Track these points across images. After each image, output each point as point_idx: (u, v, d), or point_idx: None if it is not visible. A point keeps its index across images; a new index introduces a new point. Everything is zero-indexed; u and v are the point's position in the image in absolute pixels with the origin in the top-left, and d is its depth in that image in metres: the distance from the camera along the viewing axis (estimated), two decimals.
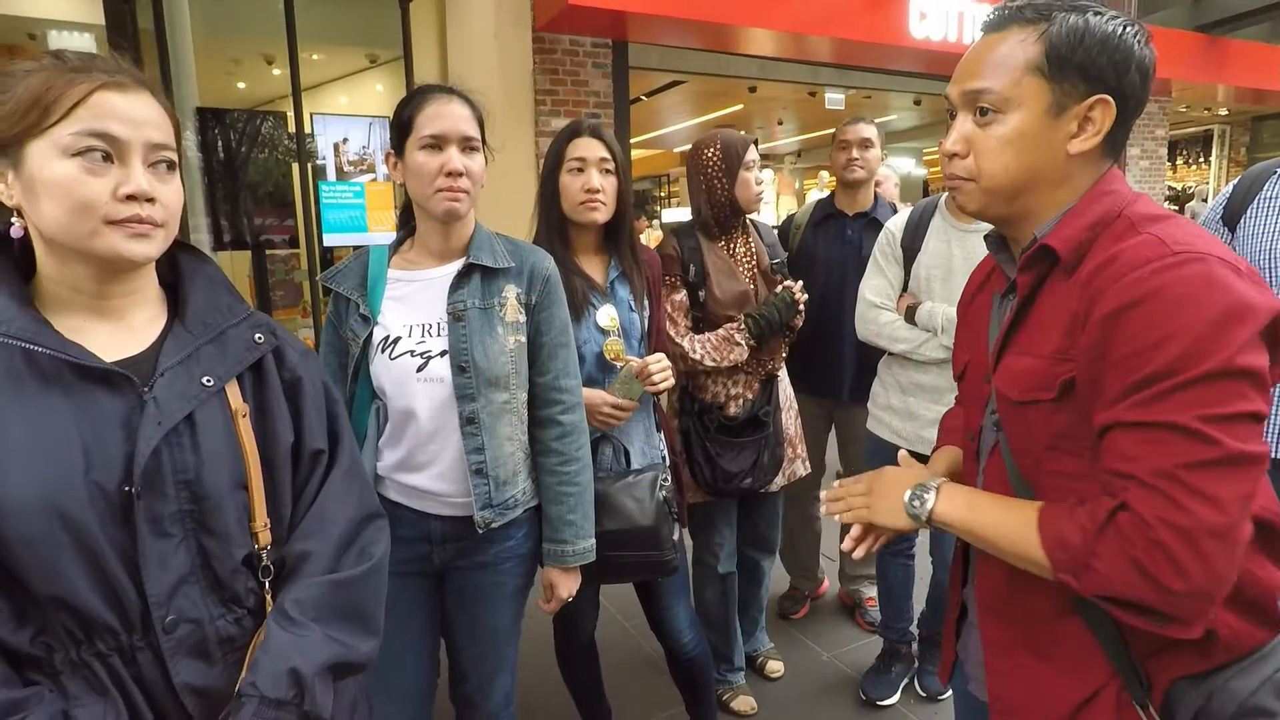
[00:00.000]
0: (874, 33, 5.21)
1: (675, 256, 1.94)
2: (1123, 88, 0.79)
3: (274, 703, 0.77)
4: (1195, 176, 10.89)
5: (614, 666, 2.14)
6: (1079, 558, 0.74)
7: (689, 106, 8.82)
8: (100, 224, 0.74)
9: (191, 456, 0.79)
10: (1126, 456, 0.72)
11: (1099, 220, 0.80)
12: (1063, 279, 0.81)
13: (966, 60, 0.85)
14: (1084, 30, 0.78)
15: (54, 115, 0.72)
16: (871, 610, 2.60)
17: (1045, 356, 0.81)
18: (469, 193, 1.29)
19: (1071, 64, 0.78)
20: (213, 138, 3.98)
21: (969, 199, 0.87)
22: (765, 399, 2.01)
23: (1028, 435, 0.84)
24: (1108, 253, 0.76)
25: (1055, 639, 0.86)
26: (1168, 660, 0.80)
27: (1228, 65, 7.10)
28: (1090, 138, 0.80)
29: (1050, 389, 0.79)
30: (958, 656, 1.08)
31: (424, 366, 1.29)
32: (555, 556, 1.39)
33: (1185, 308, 0.69)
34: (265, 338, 0.88)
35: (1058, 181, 0.83)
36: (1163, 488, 0.69)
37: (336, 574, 0.87)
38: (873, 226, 2.38)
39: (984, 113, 0.82)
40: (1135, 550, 0.69)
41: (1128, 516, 0.71)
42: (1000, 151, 0.82)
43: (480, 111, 1.33)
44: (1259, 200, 1.72)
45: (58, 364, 0.75)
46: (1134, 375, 0.71)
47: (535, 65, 4.59)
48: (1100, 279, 0.75)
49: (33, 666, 0.74)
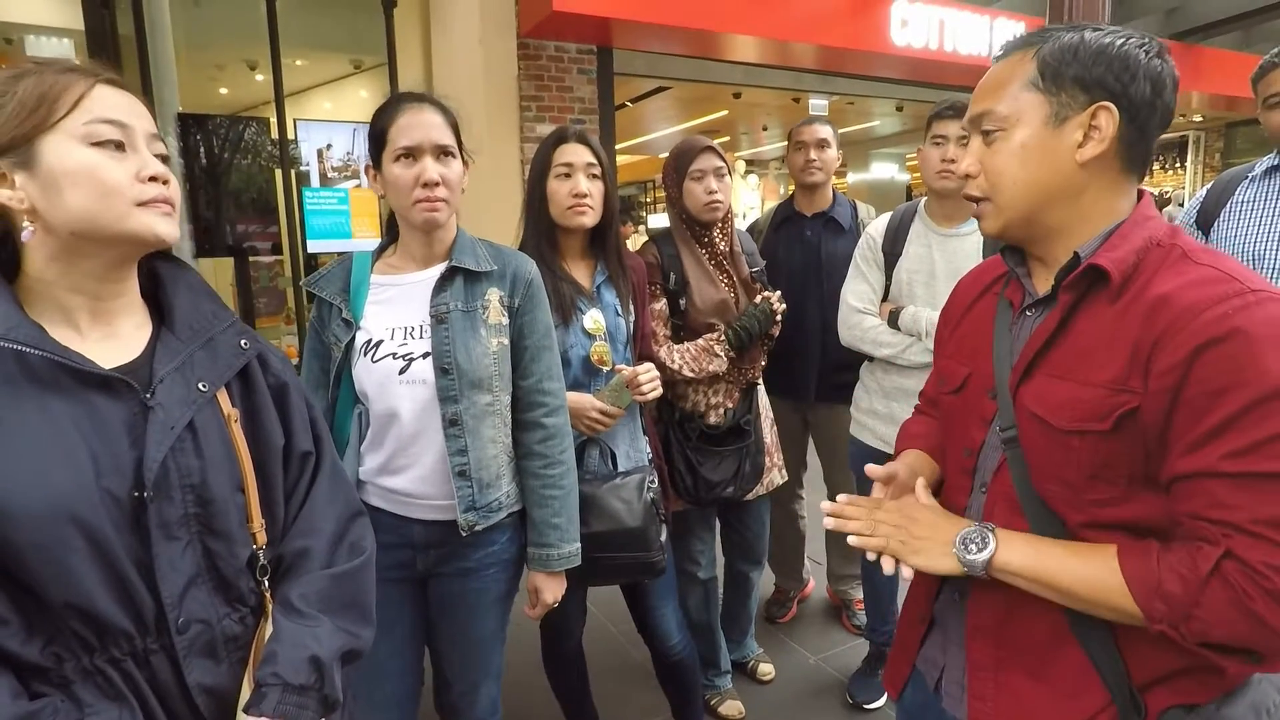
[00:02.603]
0: (856, 40, 5.27)
1: (655, 264, 1.94)
2: (1129, 96, 0.79)
3: (297, 689, 0.80)
4: (1172, 181, 11.08)
5: (601, 673, 2.14)
6: (1180, 609, 0.73)
7: (674, 112, 8.86)
8: (131, 206, 0.76)
9: (196, 461, 0.80)
10: (1224, 504, 0.71)
11: (1144, 245, 0.80)
12: (1106, 303, 0.79)
13: (976, 89, 0.88)
14: (1078, 44, 0.80)
15: (62, 109, 0.74)
16: (860, 613, 2.59)
17: (1099, 385, 0.78)
18: (447, 201, 1.29)
19: (1066, 76, 0.80)
20: (195, 143, 3.95)
21: (989, 220, 0.88)
22: (746, 408, 2.01)
23: (1067, 462, 0.81)
24: (1169, 283, 0.75)
25: (1051, 664, 0.85)
26: (1165, 692, 0.80)
27: (1201, 73, 7.24)
28: (1096, 144, 0.80)
29: (1106, 420, 0.77)
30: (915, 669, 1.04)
31: (406, 369, 1.28)
32: (540, 561, 1.39)
33: (1270, 348, 0.69)
34: (250, 343, 0.90)
35: (1074, 194, 0.83)
36: (1270, 535, 0.69)
37: (334, 568, 0.91)
38: (831, 225, 2.38)
39: (989, 133, 0.85)
40: (1249, 600, 0.69)
41: (1234, 565, 0.70)
42: (1007, 165, 0.84)
43: (455, 116, 1.33)
44: (1231, 204, 1.76)
45: (55, 370, 0.75)
46: (1218, 416, 0.70)
47: (520, 71, 4.60)
48: (1172, 313, 0.73)
49: (40, 678, 0.73)
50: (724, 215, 1.96)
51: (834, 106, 6.98)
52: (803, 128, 2.40)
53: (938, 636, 1.01)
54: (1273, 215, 1.68)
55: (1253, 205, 1.71)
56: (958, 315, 1.04)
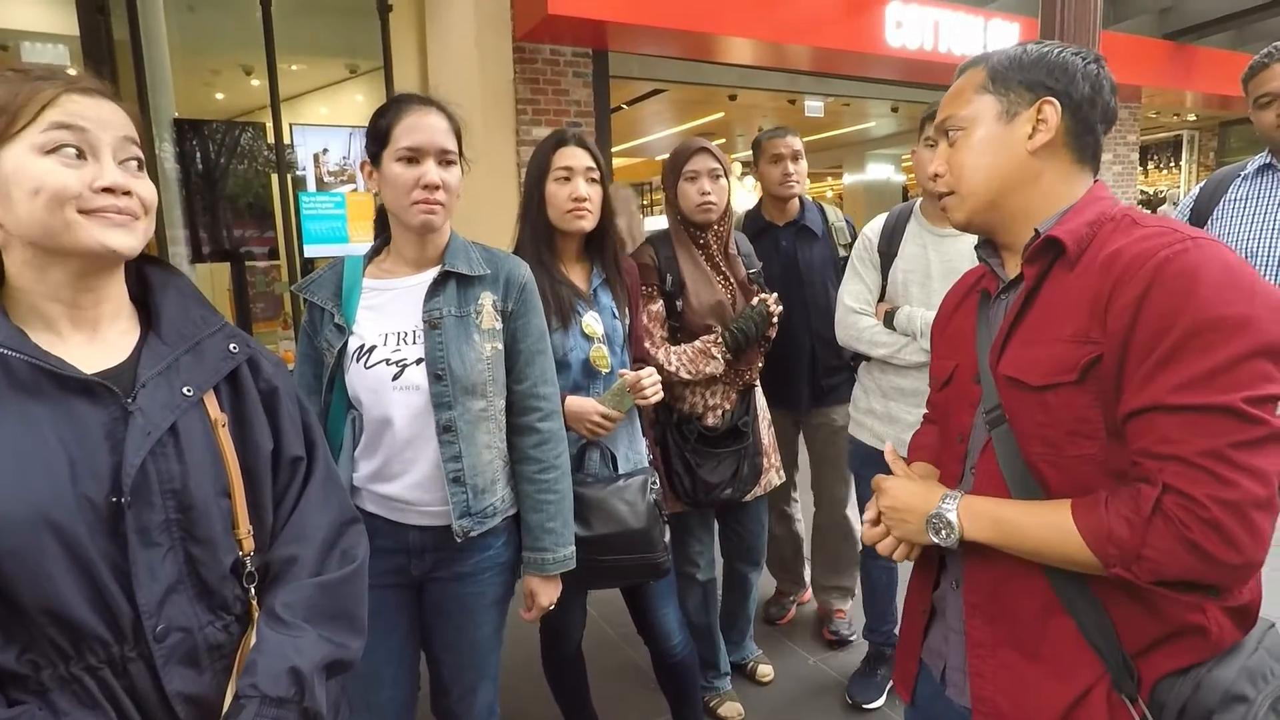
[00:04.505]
0: (851, 41, 5.28)
1: (652, 266, 1.94)
2: (1069, 93, 0.90)
3: (276, 701, 0.78)
4: (1166, 180, 11.11)
5: (601, 675, 2.13)
6: (1130, 550, 0.76)
7: (670, 115, 8.86)
8: (75, 215, 0.74)
9: (177, 466, 0.80)
10: (1168, 439, 0.75)
11: (1097, 219, 0.87)
12: (1066, 271, 0.86)
13: (940, 103, 1.00)
14: (1020, 53, 0.93)
15: (23, 119, 0.73)
16: (839, 622, 2.57)
17: (1065, 340, 0.83)
18: (445, 205, 1.29)
19: (1013, 79, 0.91)
20: (191, 149, 3.95)
21: (955, 210, 0.97)
22: (744, 409, 2.02)
23: (1048, 422, 0.85)
24: (1120, 241, 0.82)
25: (1044, 638, 0.88)
26: (1157, 658, 0.83)
27: (1195, 72, 7.27)
28: (1044, 134, 0.90)
29: (1073, 370, 0.82)
30: (922, 664, 1.07)
31: (400, 375, 1.28)
32: (535, 565, 1.39)
33: (1204, 283, 0.74)
34: (240, 347, 0.89)
35: (1030, 180, 0.91)
36: (1210, 466, 0.72)
37: (322, 576, 0.89)
38: (805, 233, 2.37)
39: (952, 135, 0.96)
40: (1189, 532, 0.73)
41: (1173, 499, 0.74)
42: (967, 158, 0.94)
43: (458, 123, 1.33)
44: (1224, 202, 1.77)
45: (36, 374, 0.74)
46: (1161, 350, 0.75)
47: (516, 75, 4.60)
48: (1123, 262, 0.79)
49: (17, 685, 0.73)
50: (720, 216, 1.97)
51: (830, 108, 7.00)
52: (776, 140, 2.35)
53: (940, 627, 1.04)
54: (1264, 213, 1.68)
55: (1245, 203, 1.72)
56: (945, 318, 1.11)
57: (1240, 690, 0.79)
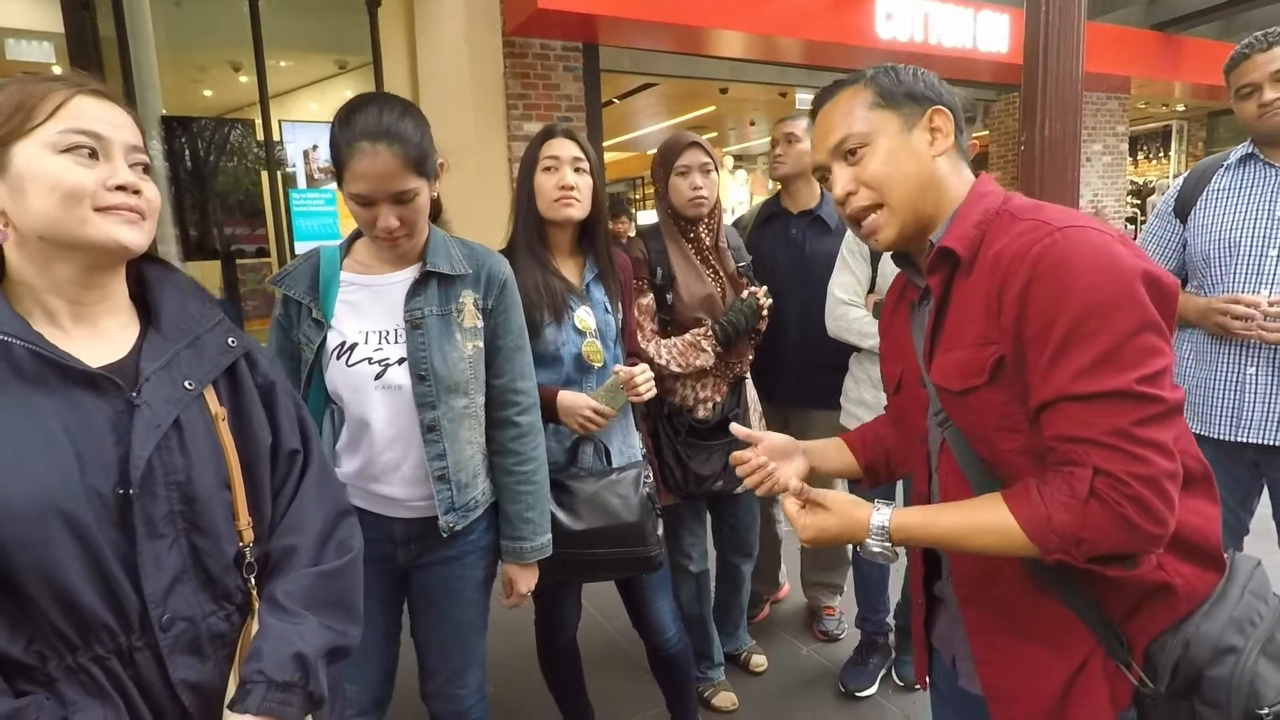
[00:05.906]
0: (841, 34, 5.29)
1: (642, 259, 1.94)
2: (945, 100, 0.95)
3: (282, 685, 0.81)
4: (1156, 170, 11.17)
5: (595, 667, 2.15)
6: (1071, 536, 0.79)
7: (661, 109, 8.86)
8: (90, 211, 0.76)
9: (181, 458, 0.81)
10: (1080, 422, 0.79)
11: (983, 219, 0.90)
12: (964, 277, 0.90)
13: (816, 132, 1.00)
14: (895, 72, 0.97)
15: (38, 117, 0.75)
16: (828, 619, 2.58)
17: (971, 345, 0.88)
18: (409, 234, 1.27)
19: (899, 94, 0.95)
20: (179, 146, 3.94)
21: (886, 227, 0.95)
22: (735, 401, 2.03)
23: (977, 421, 0.90)
24: (1000, 241, 0.86)
25: (1035, 621, 0.91)
26: (1142, 620, 0.86)
27: (1182, 63, 7.30)
28: (944, 139, 0.94)
29: (982, 373, 0.86)
30: (934, 650, 1.10)
31: (382, 374, 1.29)
32: (514, 553, 1.41)
33: (1077, 272, 0.78)
34: (237, 341, 0.91)
35: (938, 183, 0.94)
36: (1121, 445, 0.77)
37: (321, 566, 0.91)
38: (818, 224, 2.30)
39: (853, 153, 0.95)
40: (1122, 509, 0.77)
41: (1103, 481, 0.77)
42: (885, 168, 0.94)
43: (419, 143, 1.22)
44: (1208, 191, 1.78)
45: (40, 365, 0.75)
46: (1053, 343, 0.79)
47: (506, 69, 4.59)
48: (1005, 262, 0.83)
49: (24, 676, 0.74)
50: (710, 210, 1.97)
51: None
52: (779, 122, 2.36)
53: (945, 616, 1.07)
54: (1247, 203, 1.70)
55: (1228, 193, 1.74)
56: (886, 324, 1.13)
57: (1229, 642, 0.82)
